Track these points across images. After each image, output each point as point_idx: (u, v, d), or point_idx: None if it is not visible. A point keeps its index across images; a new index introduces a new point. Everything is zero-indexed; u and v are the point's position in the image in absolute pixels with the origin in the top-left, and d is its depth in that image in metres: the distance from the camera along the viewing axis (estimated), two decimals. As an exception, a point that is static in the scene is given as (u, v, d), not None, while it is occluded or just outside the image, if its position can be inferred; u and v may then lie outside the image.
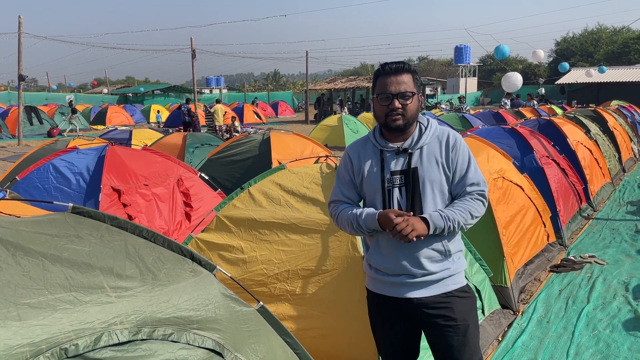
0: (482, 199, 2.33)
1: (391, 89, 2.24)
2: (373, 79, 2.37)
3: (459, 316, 2.28)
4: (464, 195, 2.31)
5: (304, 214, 3.65)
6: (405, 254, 2.27)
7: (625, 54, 43.20)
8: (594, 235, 6.82)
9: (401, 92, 2.24)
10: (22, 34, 20.71)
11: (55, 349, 1.50)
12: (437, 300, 2.28)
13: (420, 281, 2.28)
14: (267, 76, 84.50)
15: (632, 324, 4.20)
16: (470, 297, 2.38)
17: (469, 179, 2.31)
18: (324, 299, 3.39)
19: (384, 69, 2.29)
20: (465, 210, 2.26)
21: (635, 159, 12.73)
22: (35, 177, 5.52)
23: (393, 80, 2.25)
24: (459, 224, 2.25)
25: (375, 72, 2.36)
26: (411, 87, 2.26)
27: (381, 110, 2.29)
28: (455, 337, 2.26)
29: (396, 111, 2.24)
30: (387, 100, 2.25)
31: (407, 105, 2.25)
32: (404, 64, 2.30)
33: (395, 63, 2.30)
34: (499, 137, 6.88)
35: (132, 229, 2.08)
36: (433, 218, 2.21)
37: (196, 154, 9.72)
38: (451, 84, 48.96)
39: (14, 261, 1.63)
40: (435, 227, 2.20)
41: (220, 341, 1.91)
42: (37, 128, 23.75)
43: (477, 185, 2.33)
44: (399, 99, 2.24)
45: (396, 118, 2.25)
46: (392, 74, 2.26)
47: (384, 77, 2.28)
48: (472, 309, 2.37)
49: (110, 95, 48.95)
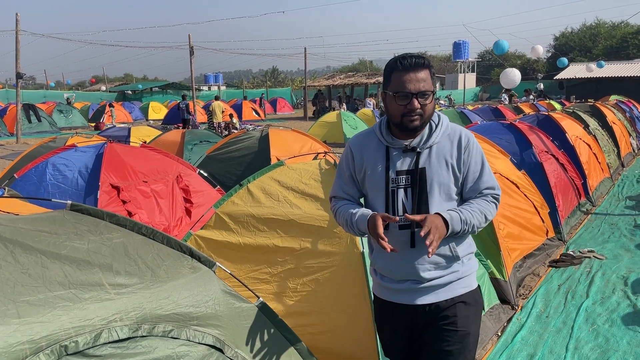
0: (496, 202, 2.21)
1: (410, 87, 2.03)
2: (386, 72, 2.14)
3: (461, 323, 2.17)
4: (478, 197, 2.18)
5: (302, 211, 3.65)
6: (409, 259, 2.15)
7: (624, 48, 43.13)
8: (592, 230, 6.83)
9: (421, 91, 2.04)
10: (20, 31, 20.64)
11: (55, 346, 1.50)
12: (444, 305, 2.18)
13: (426, 286, 2.16)
14: (266, 73, 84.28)
15: (631, 318, 4.21)
16: (477, 306, 2.26)
17: (484, 182, 2.18)
18: (323, 295, 3.39)
19: (402, 64, 2.06)
20: (482, 213, 2.13)
21: (634, 154, 12.74)
22: (33, 175, 5.52)
23: (412, 77, 2.04)
24: (473, 227, 2.12)
25: (389, 64, 2.12)
26: (430, 85, 2.06)
27: (397, 110, 2.07)
28: (452, 343, 2.16)
29: (415, 112, 2.05)
30: (405, 100, 2.05)
31: (426, 105, 2.06)
32: (423, 58, 2.08)
33: (415, 57, 2.07)
34: (497, 132, 6.89)
35: (131, 226, 2.08)
36: (453, 222, 2.05)
37: (195, 151, 9.72)
38: (450, 79, 48.94)
39: (12, 259, 1.63)
40: (453, 230, 2.05)
41: (221, 337, 1.91)
42: (35, 126, 23.71)
43: (492, 189, 2.19)
44: (418, 99, 2.04)
45: (414, 119, 2.06)
46: (411, 70, 2.04)
47: (401, 73, 2.05)
48: (475, 318, 2.25)
49: (108, 92, 48.83)
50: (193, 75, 26.43)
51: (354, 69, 55.14)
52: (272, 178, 3.94)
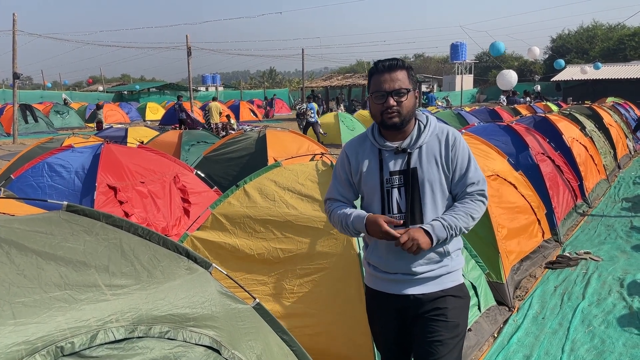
0: (483, 198, 2.31)
1: (385, 87, 2.22)
2: (368, 77, 2.33)
3: (451, 314, 2.27)
4: (464, 197, 2.29)
5: (299, 211, 3.65)
6: (403, 255, 2.26)
7: (621, 50, 43.26)
8: (589, 232, 6.85)
9: (395, 90, 2.21)
10: (17, 31, 20.60)
11: (51, 347, 1.49)
12: (433, 296, 2.28)
13: (418, 278, 2.28)
14: (263, 74, 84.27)
15: (626, 319, 4.22)
16: (465, 299, 2.37)
17: (469, 178, 2.29)
18: (320, 296, 3.39)
19: (378, 67, 2.26)
20: (467, 214, 2.24)
21: (630, 156, 12.78)
22: (30, 175, 5.51)
23: (387, 77, 2.22)
24: (461, 229, 2.24)
25: (369, 70, 2.33)
26: (406, 84, 2.23)
27: (376, 109, 2.26)
28: (443, 334, 2.24)
29: (391, 109, 2.21)
30: (381, 99, 2.23)
31: (402, 102, 2.22)
32: (398, 60, 2.26)
33: (389, 60, 2.26)
34: (494, 134, 6.90)
35: (127, 226, 2.08)
36: (436, 230, 2.19)
37: (192, 152, 9.71)
38: (447, 81, 48.99)
39: (8, 260, 1.62)
40: (438, 238, 2.19)
41: (217, 338, 1.91)
42: (32, 126, 23.65)
43: (477, 184, 2.30)
44: (393, 97, 2.21)
45: (392, 116, 2.22)
46: (386, 72, 2.23)
47: (378, 75, 2.25)
48: (464, 309, 2.36)
49: (105, 93, 48.74)
50: (190, 75, 26.40)
51: (352, 70, 55.18)
52: (269, 179, 3.94)
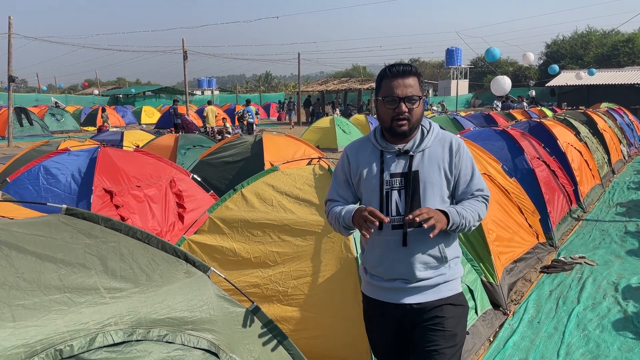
0: (486, 202, 2.33)
1: (398, 92, 2.18)
2: (377, 80, 2.30)
3: (449, 323, 2.24)
4: (469, 197, 2.29)
5: (296, 215, 3.66)
6: (400, 258, 2.23)
7: (615, 56, 43.53)
8: (584, 236, 6.89)
9: (408, 96, 2.18)
10: (12, 34, 20.56)
11: (50, 349, 1.50)
12: (431, 305, 2.25)
13: (415, 286, 2.24)
14: (259, 78, 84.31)
15: (621, 324, 4.25)
16: (463, 307, 2.35)
17: (475, 185, 2.29)
18: (317, 300, 3.40)
19: (391, 72, 2.22)
20: (475, 211, 2.24)
21: (624, 161, 12.86)
22: (26, 178, 5.49)
23: (400, 83, 2.19)
24: (469, 223, 2.21)
25: (380, 73, 2.29)
26: (417, 91, 2.21)
27: (387, 114, 2.22)
28: (441, 344, 2.22)
29: (403, 115, 2.19)
30: (393, 104, 2.19)
31: (413, 109, 2.20)
32: (411, 66, 2.24)
33: (403, 65, 2.23)
34: (490, 138, 6.94)
35: (126, 230, 2.08)
36: (452, 214, 2.15)
37: (188, 156, 9.71)
38: (442, 86, 49.18)
39: (7, 263, 1.63)
40: (453, 222, 2.15)
41: (215, 342, 1.92)
42: (27, 129, 23.56)
43: (482, 190, 2.31)
44: (405, 103, 2.18)
45: (402, 123, 2.20)
46: (399, 77, 2.20)
47: (390, 79, 2.21)
48: (462, 318, 2.33)
49: (101, 96, 48.66)
50: (186, 79, 26.42)
51: (348, 75, 55.26)
52: (266, 183, 3.95)
